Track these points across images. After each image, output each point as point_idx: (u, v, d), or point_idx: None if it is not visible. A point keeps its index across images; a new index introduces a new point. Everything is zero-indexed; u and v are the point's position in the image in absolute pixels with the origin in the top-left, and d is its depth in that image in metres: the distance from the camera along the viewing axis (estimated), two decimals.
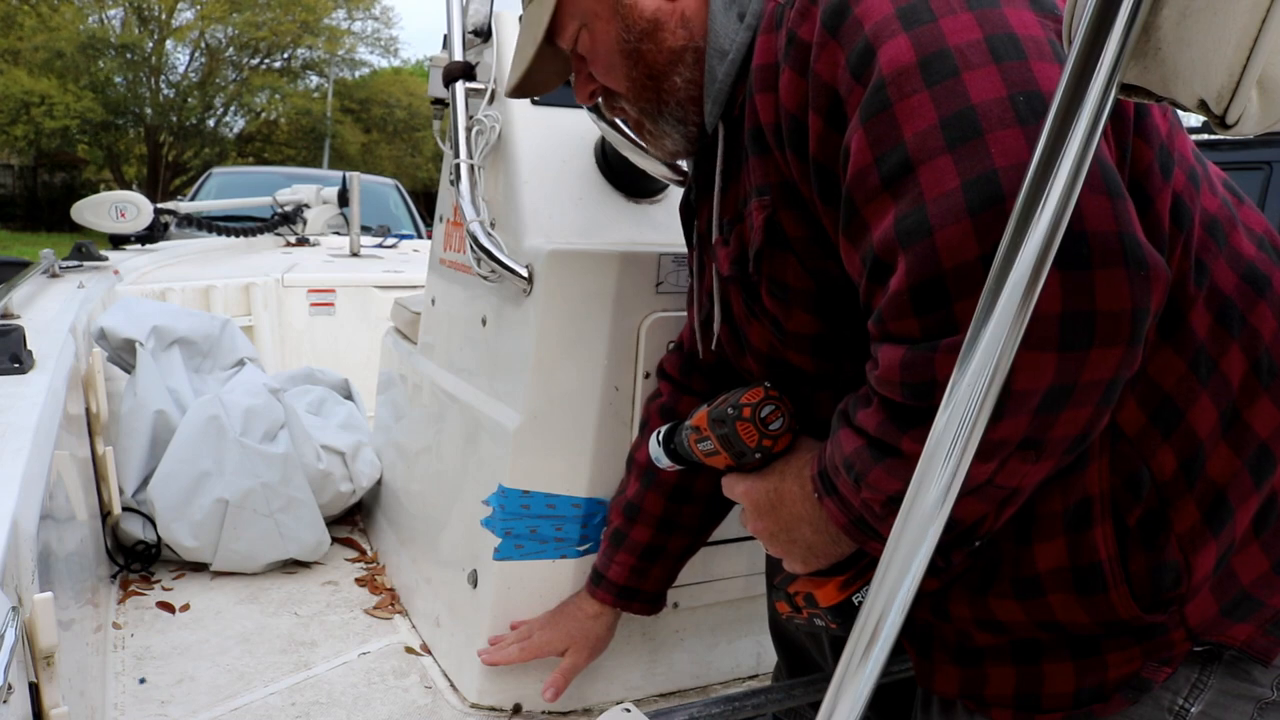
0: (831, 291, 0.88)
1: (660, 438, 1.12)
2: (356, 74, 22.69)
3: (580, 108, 1.34)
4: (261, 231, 4.42)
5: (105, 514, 1.85)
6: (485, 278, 1.44)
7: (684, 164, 1.34)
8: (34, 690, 0.87)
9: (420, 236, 6.27)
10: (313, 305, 3.46)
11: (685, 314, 1.31)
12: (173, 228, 4.32)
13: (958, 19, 0.70)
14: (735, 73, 0.92)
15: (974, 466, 0.70)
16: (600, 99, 1.06)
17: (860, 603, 0.91)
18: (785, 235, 0.88)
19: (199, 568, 1.92)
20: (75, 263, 2.89)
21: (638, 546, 1.28)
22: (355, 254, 4.27)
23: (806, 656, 1.37)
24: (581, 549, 1.41)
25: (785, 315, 0.93)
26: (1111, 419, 0.77)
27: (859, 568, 0.93)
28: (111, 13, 19.28)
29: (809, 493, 0.90)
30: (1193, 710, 0.82)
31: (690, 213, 1.14)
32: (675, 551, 1.30)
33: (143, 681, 1.49)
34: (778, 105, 0.83)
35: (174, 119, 20.04)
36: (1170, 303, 0.77)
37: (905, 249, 0.68)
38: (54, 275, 2.64)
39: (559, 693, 1.34)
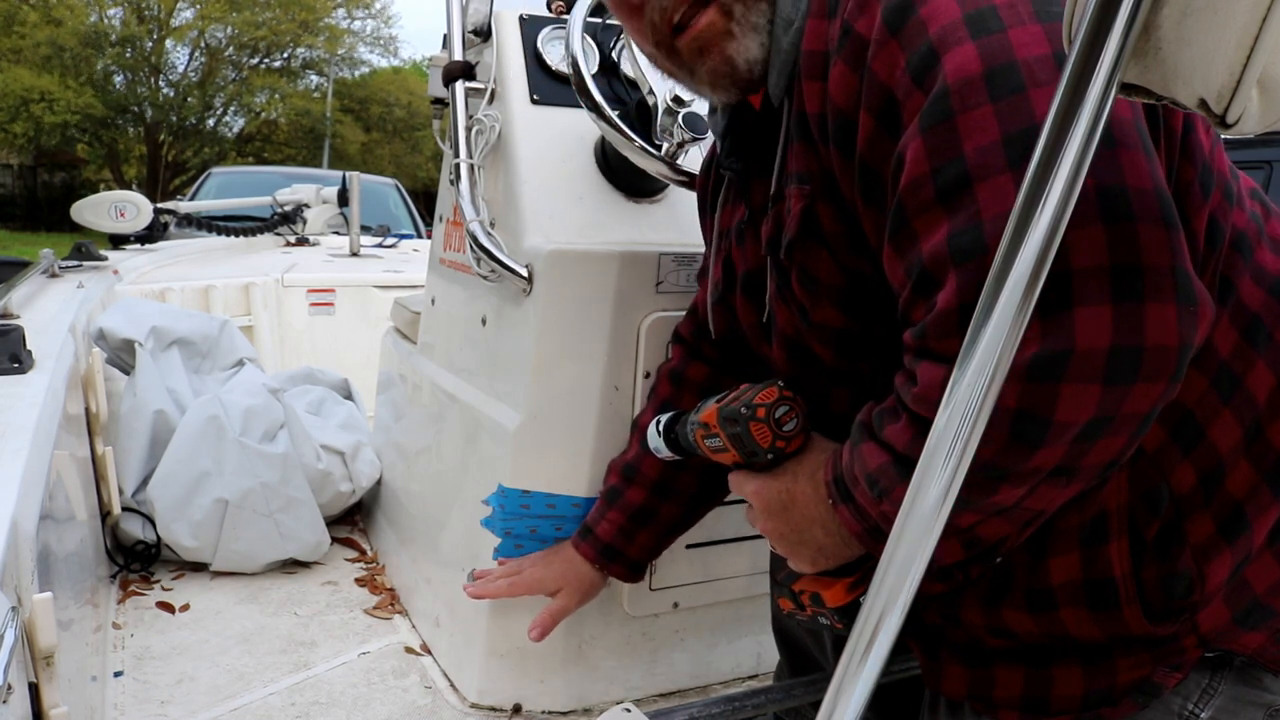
0: (861, 290, 0.86)
1: (660, 428, 1.11)
2: (356, 73, 22.70)
3: (580, 107, 1.34)
4: (261, 231, 4.41)
5: (105, 514, 1.85)
6: (485, 277, 1.44)
7: (689, 161, 1.34)
8: (33, 690, 0.87)
9: (420, 236, 6.25)
10: (312, 305, 3.45)
11: (685, 314, 1.31)
12: (172, 227, 4.32)
13: (1027, 30, 0.68)
14: (799, 41, 0.87)
15: (1004, 490, 0.70)
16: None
17: None
18: (821, 228, 0.86)
19: (199, 568, 1.92)
20: (75, 263, 2.89)
21: (630, 507, 1.27)
22: (355, 254, 4.27)
23: (809, 655, 1.37)
24: None
25: (812, 305, 0.91)
26: None
27: (867, 569, 0.92)
28: (111, 11, 19.28)
29: (823, 497, 0.88)
30: (1202, 716, 0.82)
31: (708, 188, 1.10)
32: (665, 520, 1.28)
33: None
34: (825, 97, 0.81)
35: (174, 118, 20.03)
36: None
37: (958, 266, 0.67)
38: (53, 275, 2.64)
39: (545, 633, 1.29)
